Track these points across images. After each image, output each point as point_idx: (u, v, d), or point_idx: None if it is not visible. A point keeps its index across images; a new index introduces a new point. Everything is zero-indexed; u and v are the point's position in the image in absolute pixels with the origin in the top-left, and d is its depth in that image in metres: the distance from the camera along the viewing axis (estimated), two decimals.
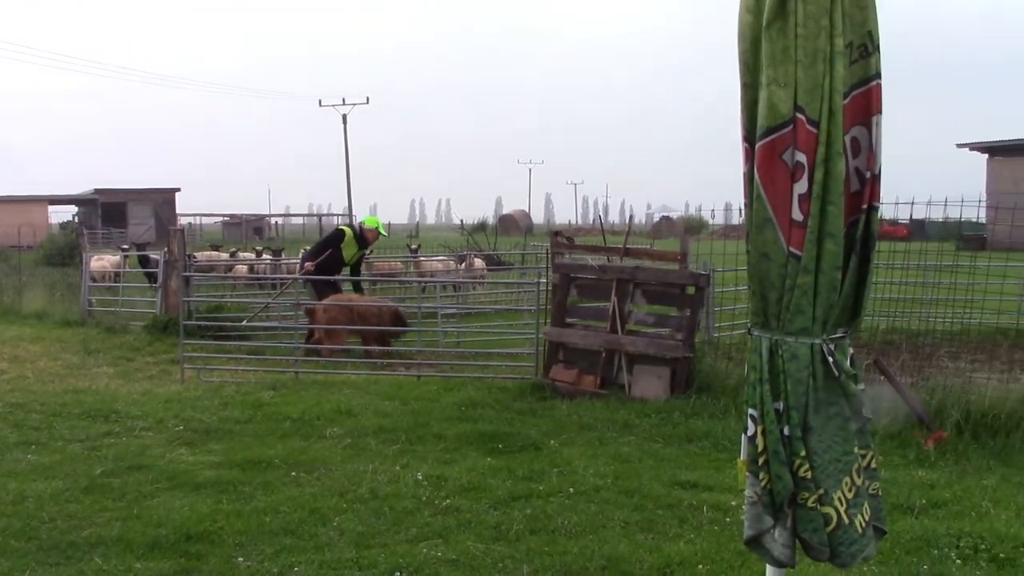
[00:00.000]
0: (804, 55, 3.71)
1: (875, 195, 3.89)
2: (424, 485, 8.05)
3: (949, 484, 8.07)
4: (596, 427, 10.19)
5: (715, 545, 6.60)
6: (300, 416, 10.69)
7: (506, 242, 44.38)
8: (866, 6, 3.78)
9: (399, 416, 10.73)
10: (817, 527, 3.85)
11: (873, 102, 3.85)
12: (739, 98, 3.91)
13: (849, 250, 3.85)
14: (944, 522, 7.10)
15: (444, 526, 7.07)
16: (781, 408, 3.82)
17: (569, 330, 12.75)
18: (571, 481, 8.16)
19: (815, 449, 3.85)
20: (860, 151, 3.88)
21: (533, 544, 6.70)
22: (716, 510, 7.39)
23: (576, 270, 12.94)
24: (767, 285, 3.86)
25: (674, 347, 11.91)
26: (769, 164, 3.78)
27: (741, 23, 3.87)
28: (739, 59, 3.89)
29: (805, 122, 3.72)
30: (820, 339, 3.83)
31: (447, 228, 65.26)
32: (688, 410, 10.78)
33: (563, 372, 12.32)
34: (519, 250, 33.62)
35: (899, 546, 6.58)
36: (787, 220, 3.78)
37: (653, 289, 12.45)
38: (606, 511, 7.40)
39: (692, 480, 8.18)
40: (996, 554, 6.43)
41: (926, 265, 15.46)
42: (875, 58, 3.84)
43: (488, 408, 11.17)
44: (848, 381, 3.89)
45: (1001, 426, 9.26)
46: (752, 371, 3.94)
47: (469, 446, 9.47)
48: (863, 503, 3.95)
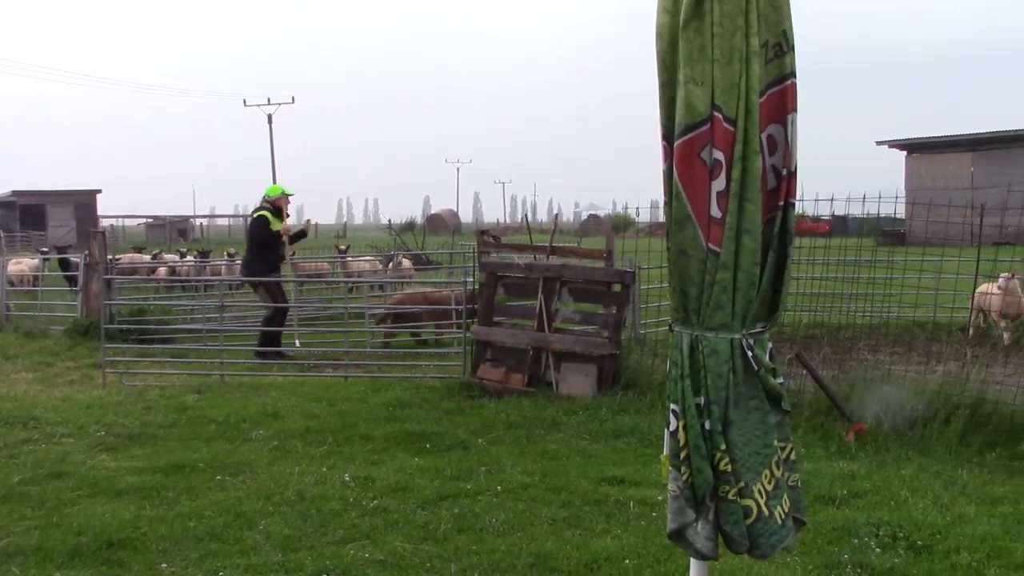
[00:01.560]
0: (720, 54, 3.76)
1: (791, 192, 3.96)
2: (351, 486, 8.00)
3: (869, 475, 8.24)
4: (524, 425, 10.22)
5: (641, 540, 6.66)
6: (225, 419, 10.56)
7: (434, 242, 44.28)
8: (780, 6, 3.85)
9: (326, 417, 10.65)
10: (738, 519, 3.90)
11: (788, 100, 3.92)
12: (657, 97, 3.95)
13: (767, 246, 3.91)
14: (864, 511, 7.24)
15: (372, 527, 7.04)
16: (702, 403, 3.87)
17: (496, 329, 12.77)
18: (499, 479, 8.18)
19: (735, 443, 3.90)
20: (776, 148, 3.95)
21: (461, 543, 6.70)
22: (642, 505, 7.45)
23: (503, 269, 12.96)
24: (687, 281, 3.90)
25: (601, 344, 11.98)
26: (687, 162, 3.82)
27: (659, 22, 3.91)
28: (657, 58, 3.93)
29: (722, 120, 3.77)
30: (739, 334, 3.89)
31: (375, 228, 64.93)
32: (615, 407, 10.86)
33: (491, 371, 12.33)
34: (447, 250, 33.58)
35: (821, 536, 6.70)
36: (706, 217, 3.83)
37: (579, 287, 12.52)
38: (534, 508, 7.42)
39: (619, 476, 8.24)
40: (914, 541, 6.58)
41: (846, 260, 15.75)
42: (790, 57, 3.91)
43: (416, 408, 11.14)
44: (767, 375, 3.95)
45: (919, 417, 9.46)
46: (673, 367, 3.98)
47: (397, 446, 9.43)
48: (783, 495, 4.01)
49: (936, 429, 9.25)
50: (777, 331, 14.97)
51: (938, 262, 16.60)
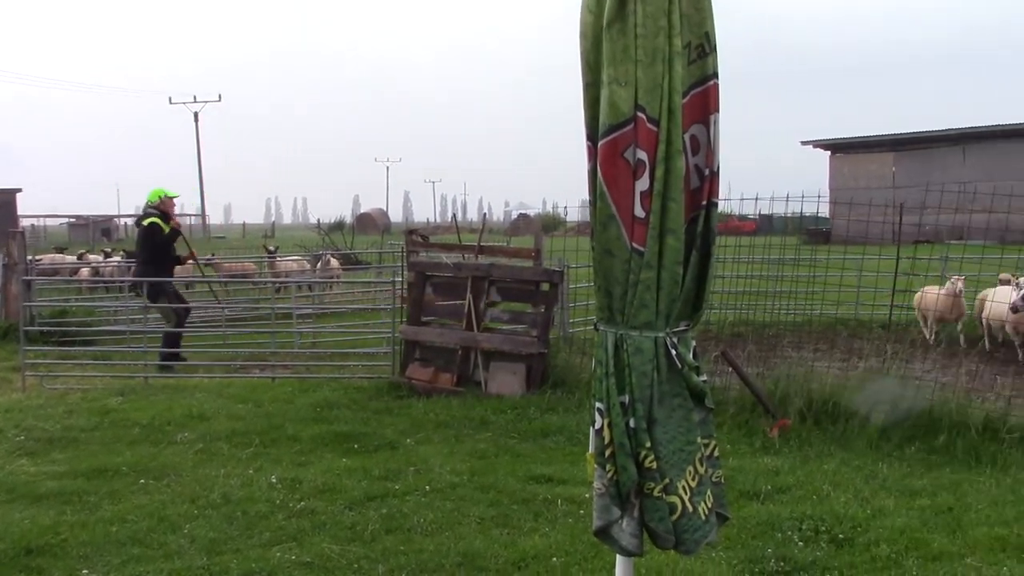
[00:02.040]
0: (644, 54, 3.78)
1: (714, 191, 4.00)
2: (278, 488, 7.93)
3: (793, 470, 8.37)
4: (452, 425, 10.22)
5: (569, 537, 6.70)
6: (150, 422, 10.40)
7: (364, 241, 44.04)
8: (703, 7, 3.88)
9: (253, 419, 10.55)
10: (663, 516, 3.93)
11: (711, 101, 3.96)
12: (582, 97, 3.97)
13: (690, 245, 3.94)
14: (788, 506, 7.36)
15: (299, 529, 6.99)
16: (626, 401, 3.89)
17: (425, 328, 12.75)
18: (427, 479, 8.16)
19: (660, 440, 3.93)
20: (699, 149, 3.99)
21: (389, 543, 6.68)
22: (570, 503, 7.49)
23: (431, 268, 12.95)
24: (611, 281, 3.92)
25: (529, 343, 12.02)
26: (611, 162, 3.84)
27: (583, 22, 3.92)
28: (581, 58, 3.94)
29: (646, 120, 3.79)
30: (663, 332, 3.92)
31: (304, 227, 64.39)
32: (543, 405, 10.91)
33: (419, 371, 12.31)
34: (376, 249, 33.43)
35: (745, 531, 6.80)
36: (630, 217, 3.85)
37: (508, 286, 12.54)
38: (462, 508, 7.42)
39: (547, 474, 8.28)
40: (836, 535, 6.71)
41: (771, 259, 15.98)
42: (712, 58, 3.95)
43: (344, 408, 11.08)
44: (691, 373, 3.99)
45: (841, 412, 9.64)
46: (598, 365, 4.00)
47: (325, 447, 9.37)
48: (706, 491, 4.06)
49: (857, 424, 9.43)
50: (703, 329, 15.18)
51: (860, 260, 16.91)
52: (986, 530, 6.77)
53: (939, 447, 8.94)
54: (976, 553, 6.41)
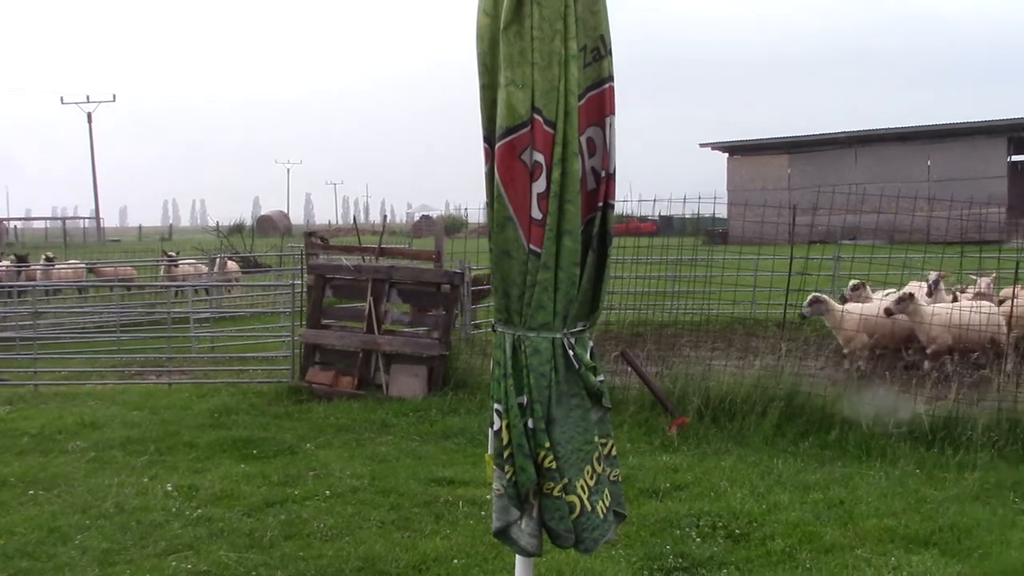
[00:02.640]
0: (540, 57, 3.80)
1: (611, 193, 4.04)
2: (174, 496, 7.77)
3: (691, 467, 8.50)
4: (353, 428, 10.15)
5: (470, 539, 6.70)
6: (39, 431, 10.11)
7: (264, 243, 43.50)
8: (598, 11, 3.92)
9: (148, 426, 10.33)
10: (563, 515, 3.96)
11: (607, 103, 4.00)
12: (479, 99, 3.97)
13: (587, 247, 3.98)
14: (686, 503, 7.48)
15: (195, 537, 6.86)
16: (525, 402, 3.91)
17: (325, 332, 12.63)
18: (327, 484, 8.08)
19: (558, 440, 3.96)
20: (596, 151, 4.02)
21: (288, 550, 6.60)
22: (472, 504, 7.49)
23: (331, 271, 12.83)
24: (509, 282, 3.93)
25: (430, 345, 11.99)
26: (509, 164, 3.85)
27: (479, 25, 3.92)
28: (478, 60, 3.95)
29: (542, 123, 3.81)
30: (561, 333, 3.94)
31: (203, 230, 63.25)
32: (445, 407, 10.90)
33: (320, 374, 12.20)
34: (276, 252, 33.04)
35: (644, 528, 6.88)
36: (527, 218, 3.87)
37: (409, 288, 12.51)
38: (363, 512, 7.37)
39: (449, 476, 8.27)
40: (732, 530, 6.84)
41: (670, 259, 16.20)
42: (607, 61, 3.98)
43: (242, 414, 10.92)
44: (588, 373, 4.02)
45: (737, 410, 9.83)
46: (497, 367, 4.01)
47: (222, 453, 9.22)
48: (604, 489, 4.10)
49: (754, 421, 9.62)
50: (603, 329, 15.33)
51: (755, 260, 17.24)
52: (876, 521, 6.97)
53: (831, 442, 9.16)
54: (866, 544, 6.60)
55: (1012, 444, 8.74)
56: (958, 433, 9.00)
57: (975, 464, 8.43)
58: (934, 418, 9.23)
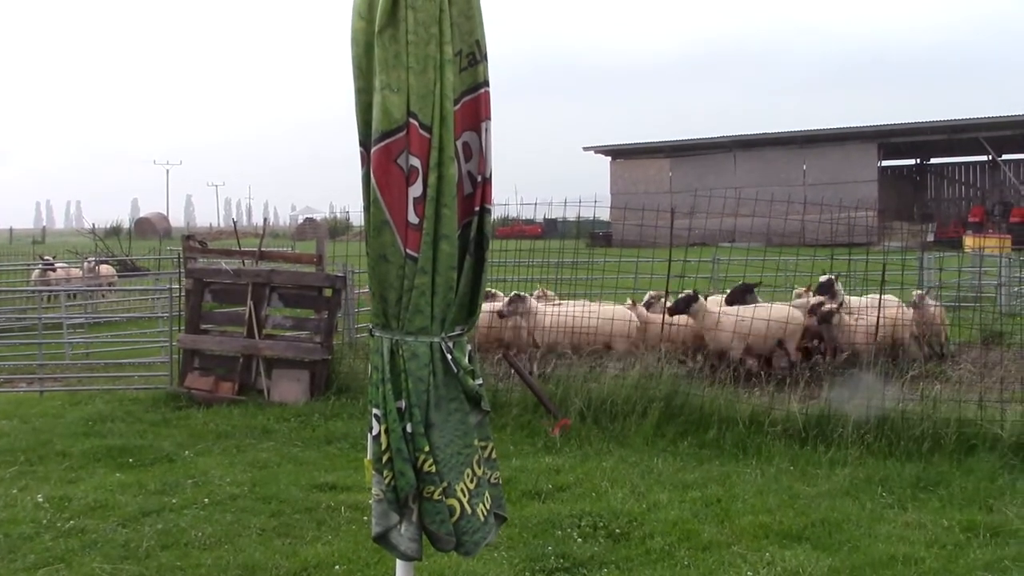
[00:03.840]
0: (416, 61, 3.81)
1: (487, 197, 4.07)
2: (45, 507, 7.53)
3: (573, 468, 8.60)
4: (234, 434, 9.98)
5: (352, 545, 6.67)
6: None
7: (142, 246, 42.52)
8: (472, 16, 3.94)
9: (18, 435, 9.99)
10: (444, 519, 3.97)
11: (482, 108, 4.02)
12: (354, 103, 3.96)
13: (464, 251, 4.00)
14: (568, 504, 7.56)
15: (67, 549, 6.66)
16: (403, 406, 3.91)
17: (204, 336, 12.40)
18: (206, 491, 7.94)
19: (437, 444, 3.97)
20: (472, 155, 4.04)
21: (165, 560, 6.46)
22: (354, 510, 7.45)
23: (210, 275, 12.61)
24: (386, 286, 3.93)
25: (312, 350, 11.88)
26: (385, 168, 3.85)
27: (354, 28, 3.91)
28: (352, 64, 3.93)
29: (418, 127, 3.82)
30: (439, 337, 3.95)
31: (78, 232, 61.43)
32: (327, 412, 10.81)
33: (199, 380, 11.97)
34: (155, 255, 32.30)
35: (527, 530, 6.93)
36: (403, 223, 3.87)
37: (290, 292, 12.36)
38: (243, 519, 7.27)
39: (331, 482, 8.21)
40: (612, 530, 6.94)
41: (552, 262, 16.32)
42: (483, 66, 4.01)
43: (118, 421, 10.64)
44: (466, 377, 4.04)
45: (619, 411, 9.97)
46: (375, 371, 4.00)
47: (97, 463, 8.98)
48: (484, 492, 4.12)
49: (635, 421, 9.77)
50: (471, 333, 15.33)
51: (635, 262, 17.49)
52: (751, 518, 7.16)
53: (709, 441, 9.37)
54: (743, 541, 6.77)
55: (879, 440, 9.04)
56: (830, 430, 9.29)
57: (846, 460, 8.72)
58: (807, 416, 9.50)
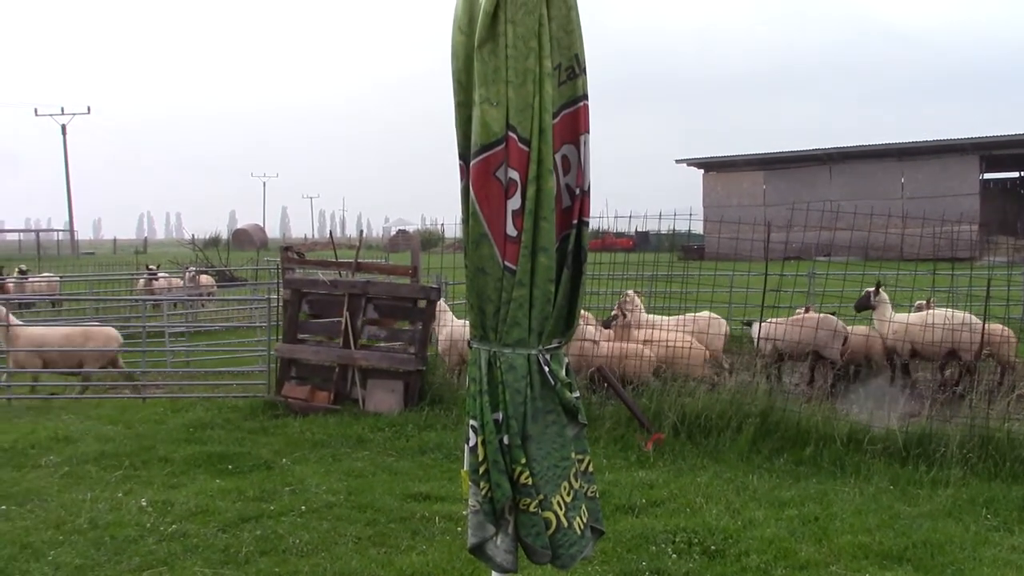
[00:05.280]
0: (515, 75, 3.83)
1: (585, 210, 4.07)
2: (149, 511, 7.72)
3: (667, 483, 8.52)
4: (329, 443, 10.11)
5: (447, 555, 6.69)
6: (12, 445, 10.02)
7: (240, 257, 43.36)
8: (572, 30, 3.96)
9: (123, 441, 10.25)
10: (539, 531, 3.97)
11: (581, 122, 4.04)
12: (453, 116, 4.00)
13: (561, 264, 4.01)
14: (662, 519, 7.49)
15: (170, 552, 6.81)
16: (500, 418, 3.93)
17: (301, 346, 12.59)
18: (303, 499, 8.05)
19: (534, 456, 3.98)
20: (570, 168, 4.06)
21: (263, 565, 6.56)
22: (448, 520, 7.48)
23: (307, 285, 12.80)
24: (484, 299, 3.96)
25: (406, 360, 11.98)
26: (483, 181, 3.88)
27: (454, 43, 3.96)
28: (452, 78, 3.98)
29: (517, 140, 3.85)
30: (536, 350, 3.97)
31: (178, 243, 62.95)
32: (421, 422, 10.88)
33: (296, 389, 12.15)
34: (252, 265, 32.93)
35: (620, 544, 6.88)
36: (502, 235, 3.89)
37: (385, 303, 12.48)
38: (339, 527, 7.35)
39: (425, 492, 8.25)
40: (708, 547, 6.85)
41: (645, 275, 16.25)
42: (582, 80, 4.02)
43: (218, 428, 10.86)
44: (563, 389, 4.04)
45: (713, 426, 9.86)
46: (472, 383, 4.03)
47: (197, 468, 9.17)
48: (581, 506, 4.12)
49: (729, 437, 9.65)
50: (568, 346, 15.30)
51: (731, 276, 17.33)
52: (850, 538, 7.00)
53: (806, 458, 9.21)
54: (841, 561, 6.63)
55: (984, 460, 8.80)
56: (932, 450, 9.06)
57: (948, 481, 8.49)
58: (908, 435, 9.29)
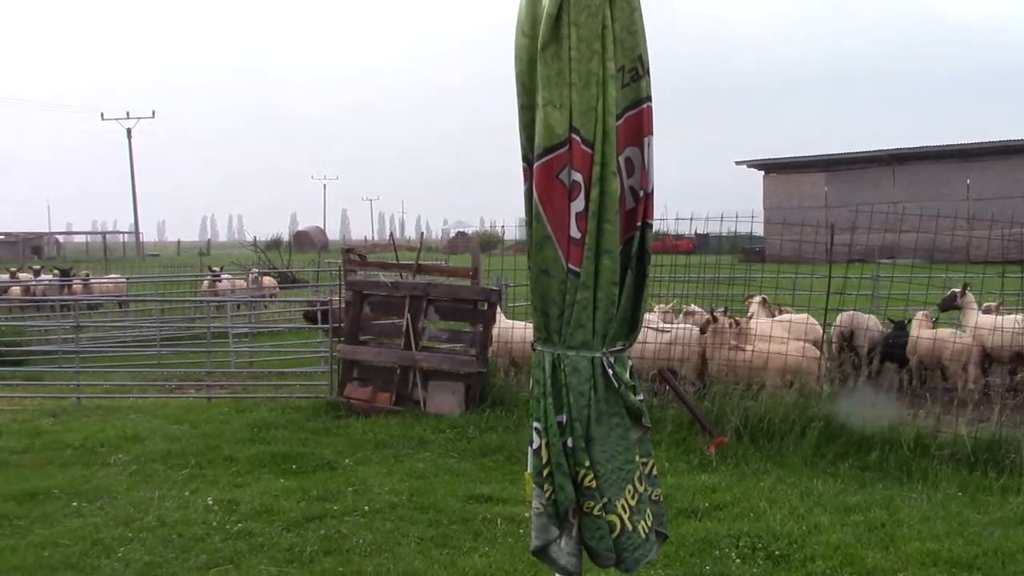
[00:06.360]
0: (578, 78, 3.83)
1: (649, 213, 4.06)
2: (215, 510, 7.83)
3: (730, 487, 8.45)
4: (391, 444, 10.17)
5: (509, 557, 6.70)
6: (82, 443, 10.22)
7: (301, 259, 43.80)
8: (635, 32, 3.94)
9: (189, 440, 10.41)
10: (603, 534, 3.96)
11: (645, 123, 4.02)
12: (517, 119, 4.00)
13: (625, 266, 3.99)
14: (725, 523, 7.43)
15: (236, 551, 6.90)
16: (564, 420, 3.92)
17: (363, 347, 12.68)
18: (366, 499, 8.11)
19: (598, 459, 3.96)
20: (634, 170, 4.04)
21: (327, 565, 6.62)
22: (510, 522, 7.49)
23: (369, 287, 12.89)
24: (548, 301, 3.95)
25: (468, 362, 12.02)
26: (547, 183, 3.88)
27: (517, 45, 3.96)
28: (516, 80, 3.98)
29: (580, 143, 3.84)
30: (600, 352, 3.96)
31: (240, 245, 63.72)
32: (482, 424, 10.90)
33: (358, 390, 12.24)
34: (313, 267, 33.24)
35: (684, 548, 6.84)
36: (565, 237, 3.89)
37: (446, 305, 12.53)
38: (401, 528, 7.39)
39: (487, 494, 8.27)
40: (772, 551, 6.78)
41: (706, 277, 16.14)
42: (645, 81, 4.00)
43: (281, 428, 10.97)
44: (628, 392, 4.03)
45: (776, 430, 9.76)
46: (536, 385, 4.03)
47: (262, 468, 9.27)
48: (645, 509, 4.10)
49: (792, 441, 9.55)
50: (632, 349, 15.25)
51: (793, 279, 17.14)
52: (918, 545, 6.89)
53: (872, 463, 9.08)
54: (908, 568, 6.53)
55: None
56: (1001, 456, 8.89)
57: (1020, 488, 8.32)
58: (976, 440, 9.12)
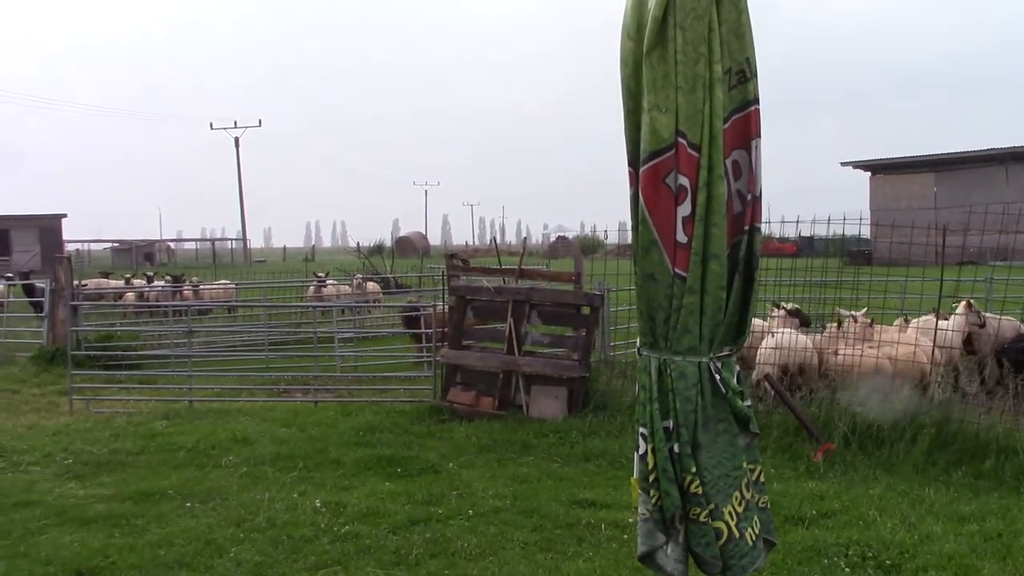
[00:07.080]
0: (684, 81, 3.81)
1: (757, 216, 4.01)
2: (322, 512, 7.96)
3: (838, 494, 8.28)
4: (495, 448, 10.21)
5: (613, 562, 6.67)
6: (195, 445, 10.49)
7: (403, 264, 44.20)
8: (743, 34, 3.91)
9: (296, 443, 10.60)
10: (709, 541, 3.93)
11: (752, 126, 3.98)
12: (622, 123, 4.00)
13: (733, 270, 3.96)
14: (833, 531, 7.29)
15: (343, 553, 7.01)
16: (670, 426, 3.90)
17: (466, 352, 12.77)
18: (470, 503, 8.16)
19: (705, 465, 3.94)
20: (741, 174, 4.00)
21: (433, 568, 6.68)
22: (614, 528, 7.46)
23: (472, 292, 12.97)
24: (654, 306, 3.94)
25: (570, 367, 12.01)
26: (653, 188, 3.87)
27: (623, 49, 3.96)
28: (622, 85, 3.98)
29: (687, 146, 3.82)
30: (707, 357, 3.93)
31: (343, 251, 64.67)
32: (585, 429, 10.88)
33: (461, 394, 12.32)
34: (416, 273, 33.56)
35: (791, 556, 6.73)
36: (672, 242, 3.87)
37: (549, 310, 12.54)
38: (505, 532, 7.42)
39: (590, 499, 8.25)
40: (882, 561, 6.63)
41: (813, 281, 15.86)
42: (753, 83, 3.97)
43: (386, 432, 11.10)
44: (735, 398, 3.99)
45: (886, 437, 9.54)
46: (642, 390, 4.02)
47: (368, 471, 9.40)
48: (753, 516, 4.05)
49: (903, 448, 9.33)
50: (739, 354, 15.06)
51: (903, 282, 16.76)
52: None
53: (986, 471, 8.82)
54: None
55: None
56: None
57: None
58: None
